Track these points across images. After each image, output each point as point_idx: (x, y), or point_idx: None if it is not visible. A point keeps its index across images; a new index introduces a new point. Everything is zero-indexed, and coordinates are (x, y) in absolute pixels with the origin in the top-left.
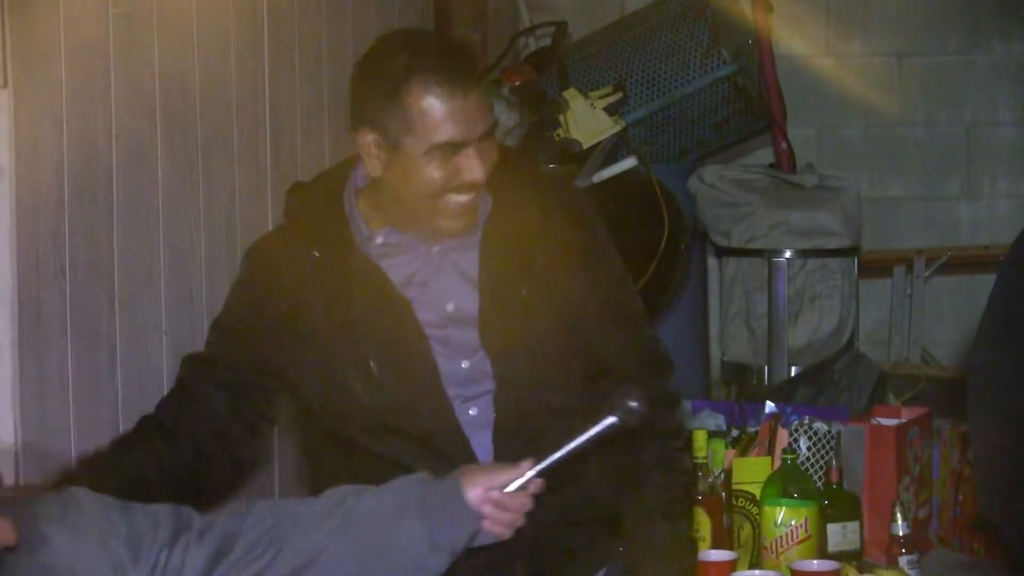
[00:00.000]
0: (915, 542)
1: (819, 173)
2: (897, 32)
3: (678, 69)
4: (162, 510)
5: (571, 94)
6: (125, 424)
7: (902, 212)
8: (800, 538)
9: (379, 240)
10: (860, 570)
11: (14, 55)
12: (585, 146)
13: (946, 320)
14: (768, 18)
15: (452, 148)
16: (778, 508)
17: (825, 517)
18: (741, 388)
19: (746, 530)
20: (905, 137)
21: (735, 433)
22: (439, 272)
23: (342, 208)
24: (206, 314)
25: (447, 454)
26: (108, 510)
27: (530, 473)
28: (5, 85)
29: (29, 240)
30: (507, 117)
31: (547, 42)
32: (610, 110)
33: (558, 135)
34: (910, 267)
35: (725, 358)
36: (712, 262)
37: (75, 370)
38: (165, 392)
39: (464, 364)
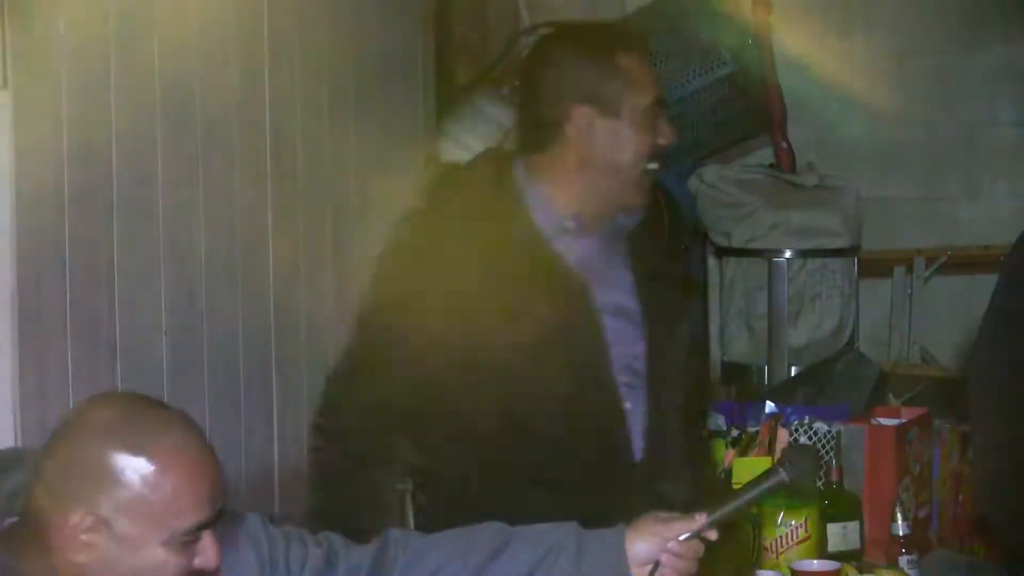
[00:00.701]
0: (915, 542)
1: (819, 173)
2: (897, 32)
3: (678, 69)
4: (314, 551)
5: None
6: None
7: (902, 212)
8: (800, 538)
9: (570, 224)
10: (860, 570)
11: (14, 55)
12: None
13: (946, 320)
14: (768, 18)
15: (656, 109)
16: (778, 508)
17: (825, 517)
18: (741, 388)
19: (746, 530)
20: (905, 137)
21: (735, 433)
22: (605, 262)
23: (510, 190)
24: (206, 314)
25: (607, 438)
26: (273, 541)
27: (704, 523)
28: (5, 85)
29: (29, 240)
30: (507, 117)
31: None
32: None
33: None
34: (910, 267)
35: (725, 358)
36: (712, 262)
37: (75, 370)
38: (165, 392)
39: (626, 349)
